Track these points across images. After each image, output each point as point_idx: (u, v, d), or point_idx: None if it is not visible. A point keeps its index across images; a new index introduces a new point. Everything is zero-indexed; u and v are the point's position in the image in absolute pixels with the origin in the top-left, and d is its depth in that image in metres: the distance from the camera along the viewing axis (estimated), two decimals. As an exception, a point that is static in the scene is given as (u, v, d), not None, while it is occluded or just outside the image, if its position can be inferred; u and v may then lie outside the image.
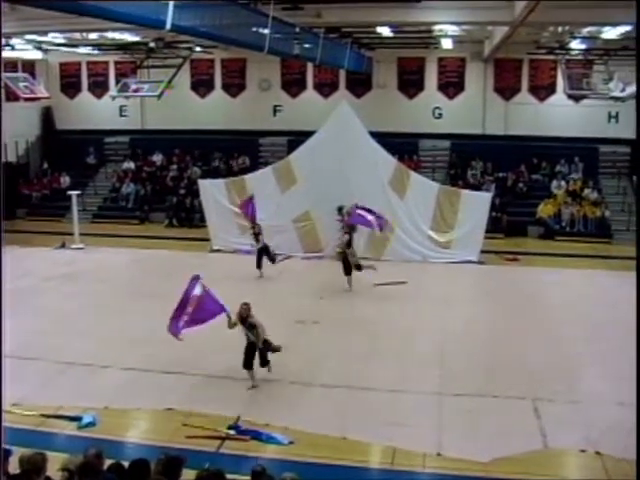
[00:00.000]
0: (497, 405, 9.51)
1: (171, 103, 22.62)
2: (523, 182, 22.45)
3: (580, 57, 19.92)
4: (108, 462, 5.70)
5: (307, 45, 14.37)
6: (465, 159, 23.22)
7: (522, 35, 17.12)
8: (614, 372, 10.21)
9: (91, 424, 8.78)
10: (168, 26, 8.57)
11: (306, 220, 17.97)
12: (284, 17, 12.62)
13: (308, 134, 18.36)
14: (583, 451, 8.22)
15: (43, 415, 8.96)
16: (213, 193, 18.68)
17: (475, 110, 23.52)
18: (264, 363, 10.04)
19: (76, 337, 11.89)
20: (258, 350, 9.94)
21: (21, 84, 18.03)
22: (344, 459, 8.08)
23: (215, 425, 8.78)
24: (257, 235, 15.84)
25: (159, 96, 18.90)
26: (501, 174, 22.67)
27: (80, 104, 26.10)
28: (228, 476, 5.58)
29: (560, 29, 16.72)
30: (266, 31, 11.63)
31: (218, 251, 17.69)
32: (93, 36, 18.80)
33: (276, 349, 10.13)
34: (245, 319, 9.85)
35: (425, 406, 9.52)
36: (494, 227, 19.62)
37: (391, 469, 7.95)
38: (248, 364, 9.96)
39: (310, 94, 24.62)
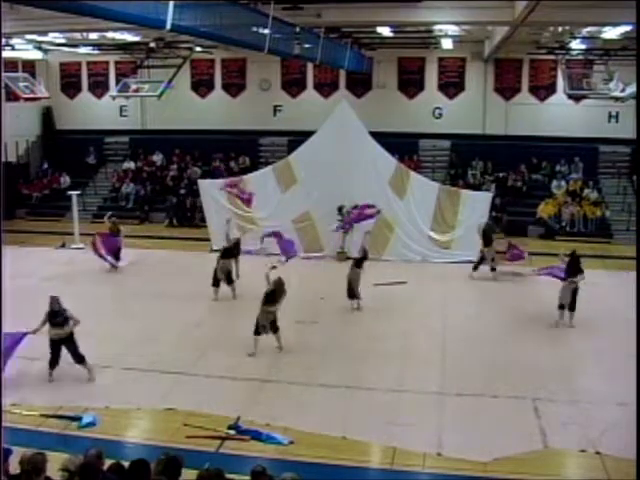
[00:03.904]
0: (497, 405, 9.52)
1: (171, 103, 22.66)
2: (523, 182, 22.46)
3: (580, 57, 19.93)
4: (108, 462, 5.71)
5: (307, 45, 14.34)
6: (465, 159, 23.21)
7: (522, 35, 17.12)
8: (614, 372, 10.23)
9: (91, 424, 8.78)
10: (168, 26, 8.55)
11: (306, 220, 17.96)
12: (284, 17, 12.61)
13: (308, 134, 18.37)
14: (583, 451, 8.23)
15: (43, 415, 8.96)
16: (213, 193, 18.68)
17: (475, 110, 23.51)
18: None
19: (76, 337, 11.86)
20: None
21: (21, 84, 18.01)
22: (344, 459, 8.08)
23: (215, 425, 8.78)
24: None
25: (159, 96, 18.91)
26: (501, 174, 22.66)
27: (80, 104, 26.09)
28: (228, 476, 5.58)
29: (560, 29, 16.71)
30: (266, 31, 11.62)
31: (218, 251, 17.65)
32: (93, 36, 18.79)
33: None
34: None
35: (425, 406, 9.53)
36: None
37: (391, 469, 7.96)
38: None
39: (310, 94, 24.61)
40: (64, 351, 10.28)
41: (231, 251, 14.72)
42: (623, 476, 7.39)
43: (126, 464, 5.58)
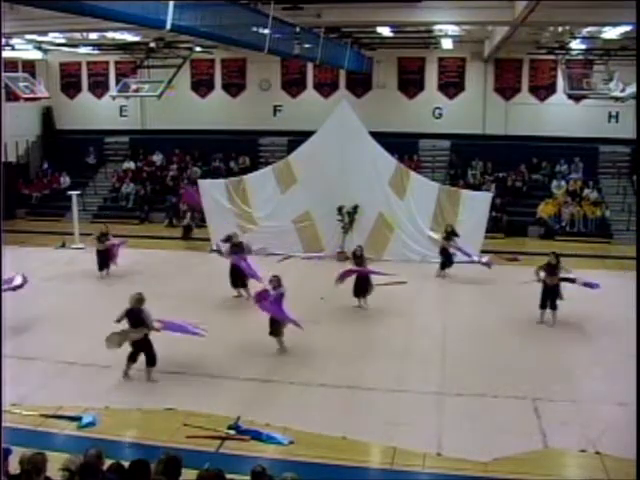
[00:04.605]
0: (497, 405, 9.51)
1: (171, 103, 22.69)
2: (523, 182, 22.47)
3: (580, 57, 19.95)
4: (108, 462, 5.70)
5: (307, 45, 14.35)
6: (465, 159, 23.23)
7: (522, 35, 17.13)
8: (614, 372, 10.23)
9: (91, 424, 8.77)
10: (168, 26, 8.57)
11: (306, 220, 17.97)
12: (284, 17, 12.61)
13: (308, 134, 18.37)
14: (583, 451, 8.22)
15: (43, 415, 8.95)
16: (213, 193, 18.69)
17: (475, 110, 23.52)
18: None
19: (76, 337, 11.88)
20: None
21: (21, 84, 18.00)
22: (344, 459, 8.07)
23: (215, 425, 8.77)
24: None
25: (159, 96, 18.91)
26: (501, 174, 22.68)
27: (80, 104, 26.12)
28: (228, 476, 5.58)
29: (560, 29, 16.72)
30: (266, 31, 11.63)
31: (218, 251, 17.66)
32: (93, 36, 18.80)
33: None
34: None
35: (425, 406, 9.53)
36: (494, 227, 19.62)
37: (391, 469, 7.95)
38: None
39: (310, 94, 24.63)
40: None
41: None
42: (623, 476, 7.38)
43: (126, 464, 5.58)
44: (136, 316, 10.14)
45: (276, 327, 11.28)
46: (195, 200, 19.41)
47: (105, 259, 15.90)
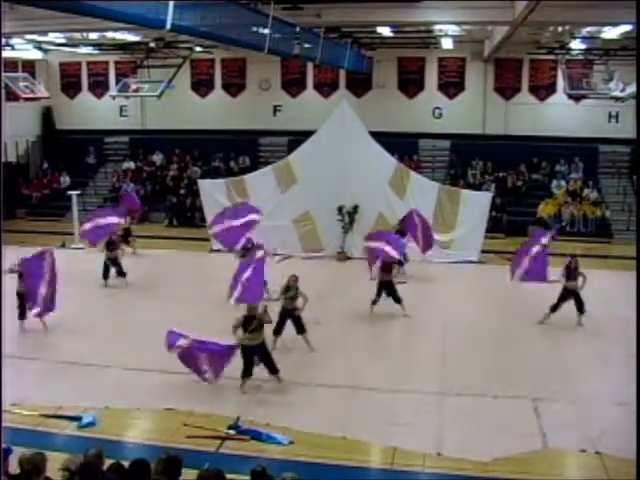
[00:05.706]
0: (497, 405, 9.51)
1: (171, 103, 22.66)
2: (523, 182, 22.48)
3: (580, 57, 19.97)
4: (108, 462, 5.70)
5: (307, 45, 14.36)
6: (465, 159, 23.24)
7: (522, 35, 17.12)
8: (614, 372, 10.24)
9: (91, 424, 8.78)
10: (168, 26, 8.57)
11: (306, 220, 17.97)
12: (284, 17, 12.62)
13: (308, 134, 18.38)
14: (583, 451, 8.22)
15: (43, 415, 8.96)
16: (213, 193, 18.68)
17: (475, 110, 23.53)
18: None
19: (76, 337, 11.89)
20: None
21: (21, 84, 18.01)
22: (344, 459, 8.07)
23: (215, 425, 8.78)
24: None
25: (159, 96, 18.91)
26: (501, 174, 22.68)
27: (80, 104, 26.13)
28: (228, 476, 5.57)
29: (560, 29, 16.72)
30: (266, 31, 11.64)
31: (218, 251, 17.67)
32: (93, 36, 18.81)
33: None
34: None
35: (425, 406, 9.52)
36: (494, 227, 19.62)
37: (391, 469, 7.95)
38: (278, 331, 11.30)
39: (310, 94, 24.64)
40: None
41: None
42: (623, 476, 7.38)
43: (126, 464, 5.58)
44: (253, 321, 9.88)
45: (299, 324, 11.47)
46: (136, 204, 19.43)
47: (109, 268, 15.72)
